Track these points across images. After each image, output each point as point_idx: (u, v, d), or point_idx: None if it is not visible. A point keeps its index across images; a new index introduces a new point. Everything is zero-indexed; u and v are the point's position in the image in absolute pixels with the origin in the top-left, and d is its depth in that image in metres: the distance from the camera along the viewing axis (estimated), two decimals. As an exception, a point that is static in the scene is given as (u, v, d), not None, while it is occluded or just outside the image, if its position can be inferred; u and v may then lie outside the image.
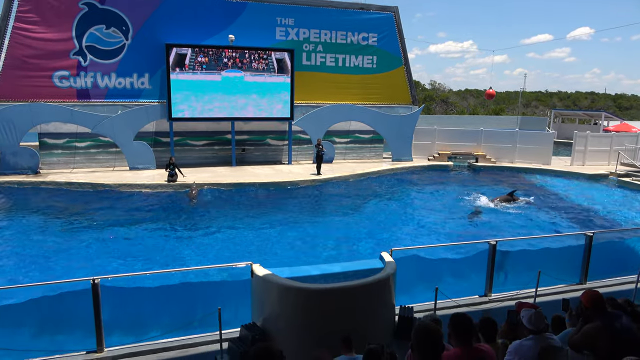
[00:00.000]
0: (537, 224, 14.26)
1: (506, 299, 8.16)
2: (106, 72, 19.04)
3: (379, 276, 6.54)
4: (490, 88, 27.87)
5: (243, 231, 12.94)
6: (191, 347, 6.53)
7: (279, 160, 22.08)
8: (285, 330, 6.26)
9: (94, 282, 6.18)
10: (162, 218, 13.94)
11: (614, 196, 18.43)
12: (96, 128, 18.52)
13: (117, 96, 19.27)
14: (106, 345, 6.37)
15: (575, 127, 32.83)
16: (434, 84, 76.52)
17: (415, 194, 18.16)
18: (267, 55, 20.10)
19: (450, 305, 7.69)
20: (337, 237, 12.73)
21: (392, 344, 6.51)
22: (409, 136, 22.96)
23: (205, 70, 19.42)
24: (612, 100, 79.95)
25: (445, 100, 61.70)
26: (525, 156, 23.27)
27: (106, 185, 16.61)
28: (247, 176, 18.43)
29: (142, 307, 7.85)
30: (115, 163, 19.57)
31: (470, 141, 23.94)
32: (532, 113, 61.37)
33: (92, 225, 13.02)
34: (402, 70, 23.20)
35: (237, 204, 15.69)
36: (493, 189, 18.75)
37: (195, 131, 20.63)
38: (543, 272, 8.09)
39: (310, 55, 21.70)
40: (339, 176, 19.20)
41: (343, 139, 22.98)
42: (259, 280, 6.53)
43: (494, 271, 8.31)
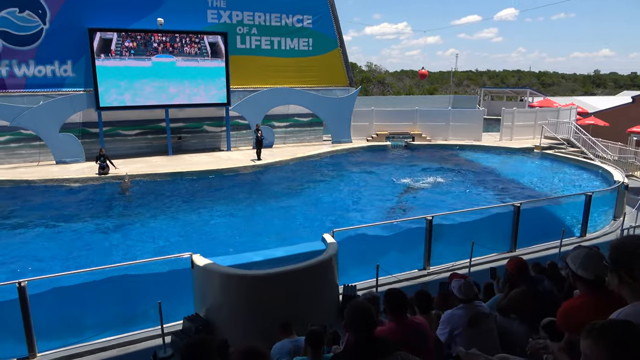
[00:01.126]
0: (469, 198, 14.96)
1: (443, 271, 8.54)
2: (23, 59, 17.63)
3: (321, 258, 6.62)
4: (422, 68, 28.68)
5: (182, 222, 12.61)
6: (132, 344, 6.33)
7: (217, 147, 21.60)
8: (229, 319, 6.21)
9: (20, 285, 5.81)
10: (94, 213, 13.27)
11: (538, 168, 19.69)
12: (16, 121, 17.16)
13: (38, 85, 17.93)
14: (39, 350, 6.04)
15: (503, 104, 34.57)
16: (370, 66, 77.49)
17: (356, 175, 18.44)
18: (199, 39, 19.43)
19: (391, 280, 7.94)
20: (279, 221, 12.72)
21: (337, 324, 6.63)
22: (348, 118, 23.19)
23: (134, 55, 18.48)
24: (536, 78, 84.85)
25: (381, 82, 62.72)
26: (458, 133, 24.23)
27: (30, 181, 15.53)
28: (184, 165, 17.89)
29: (76, 308, 7.48)
30: (40, 157, 18.30)
31: (406, 121, 24.56)
32: (463, 92, 63.90)
33: (16, 225, 12.17)
34: (338, 52, 23.27)
35: (175, 194, 15.22)
36: (429, 167, 19.44)
37: (127, 120, 19.66)
38: (476, 243, 8.54)
39: (244, 39, 21.22)
40: (279, 160, 19.11)
41: (282, 123, 22.82)
42: (199, 271, 6.41)
43: (431, 245, 8.65)
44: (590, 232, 10.82)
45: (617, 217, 11.76)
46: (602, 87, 78.19)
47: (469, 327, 3.63)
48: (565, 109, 25.05)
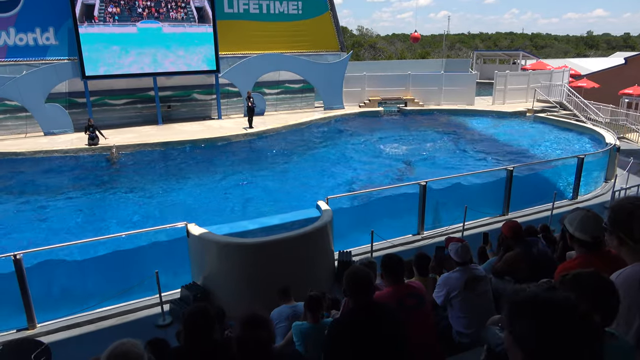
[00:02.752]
0: (462, 162, 15.01)
1: (437, 235, 8.64)
2: (2, 27, 17.02)
3: (316, 225, 6.64)
4: (415, 32, 28.17)
5: (175, 191, 12.57)
6: (131, 312, 6.39)
7: (208, 115, 21.31)
8: (226, 287, 6.27)
9: (16, 258, 5.80)
10: (86, 184, 13.17)
11: (531, 131, 19.71)
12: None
13: (19, 54, 17.40)
14: (38, 320, 6.09)
15: (496, 67, 34.21)
16: (361, 30, 76.17)
17: (348, 141, 18.37)
18: (185, 4, 18.84)
19: (386, 246, 8.03)
20: (273, 189, 12.72)
21: (333, 289, 6.73)
22: (339, 84, 22.89)
23: (118, 22, 17.92)
24: (529, 40, 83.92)
25: (373, 46, 61.74)
26: (450, 98, 24.07)
27: (19, 153, 15.31)
28: (175, 134, 17.68)
29: (73, 279, 7.52)
30: (27, 129, 17.97)
31: (398, 86, 24.31)
32: (456, 55, 63.13)
33: (8, 198, 12.06)
34: (328, 16, 22.73)
35: (168, 163, 15.12)
36: (422, 132, 19.39)
37: (114, 89, 19.25)
38: (469, 208, 8.62)
39: (232, 2, 20.61)
40: (271, 128, 18.94)
41: (273, 90, 22.49)
42: (195, 240, 6.42)
43: (425, 210, 8.72)
44: (582, 194, 10.94)
45: (609, 179, 11.89)
46: (594, 48, 77.61)
47: (465, 289, 3.69)
48: (558, 72, 24.90)
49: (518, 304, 1.34)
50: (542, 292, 1.34)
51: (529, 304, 1.31)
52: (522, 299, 1.34)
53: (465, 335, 3.73)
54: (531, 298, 1.33)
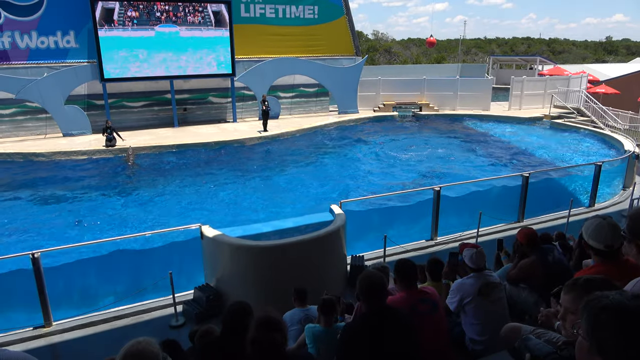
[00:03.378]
0: (477, 168, 14.89)
1: (450, 241, 8.57)
2: (25, 30, 17.42)
3: (329, 229, 6.64)
4: (431, 36, 28.10)
5: (191, 193, 12.68)
6: (145, 312, 6.45)
7: (223, 118, 21.49)
8: (239, 289, 6.29)
9: (34, 257, 5.90)
10: (103, 185, 13.37)
11: (547, 137, 19.47)
12: (21, 93, 17.10)
13: (41, 57, 17.78)
14: (54, 319, 6.18)
15: (512, 73, 33.94)
16: (376, 34, 76.14)
17: (363, 145, 18.35)
18: (202, 8, 19.06)
19: (398, 251, 7.99)
20: (287, 192, 12.75)
21: (345, 293, 6.72)
22: (354, 88, 22.91)
23: (137, 25, 18.21)
24: (547, 45, 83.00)
25: (388, 50, 61.67)
26: (466, 103, 23.92)
27: (39, 154, 15.60)
28: (190, 136, 17.86)
29: (90, 278, 7.63)
30: (46, 130, 18.32)
31: (413, 90, 24.24)
32: (472, 60, 62.74)
33: (28, 198, 12.29)
34: (344, 20, 22.79)
35: (182, 165, 15.26)
36: (437, 137, 19.29)
37: (132, 92, 19.55)
38: (484, 214, 8.53)
39: (248, 7, 20.79)
40: (285, 132, 19.01)
41: (288, 93, 22.60)
42: (209, 242, 6.47)
43: (439, 216, 8.66)
44: (600, 202, 10.76)
45: (627, 186, 11.67)
46: (614, 54, 76.46)
47: (479, 295, 3.66)
48: (576, 77, 24.58)
49: (603, 312, 1.31)
50: (628, 301, 1.31)
51: (616, 312, 1.29)
52: (608, 307, 1.31)
53: (478, 343, 3.69)
54: (617, 306, 1.30)
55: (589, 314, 1.33)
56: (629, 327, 1.25)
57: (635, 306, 1.28)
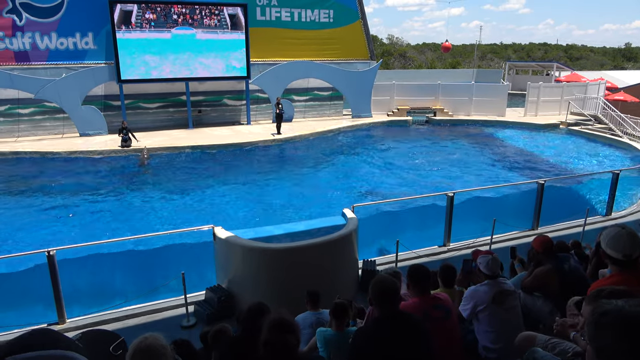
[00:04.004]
0: (491, 174, 14.75)
1: (463, 247, 8.48)
2: (45, 31, 17.74)
3: (341, 232, 6.62)
4: (446, 41, 27.98)
5: (204, 194, 12.76)
6: (157, 312, 6.49)
7: (237, 120, 21.61)
8: (251, 291, 6.30)
9: (50, 254, 5.98)
10: (118, 185, 13.52)
11: (563, 144, 19.23)
12: (40, 93, 17.41)
13: (60, 58, 18.07)
14: (68, 316, 6.25)
15: (529, 79, 33.63)
16: (391, 39, 76.09)
17: (376, 150, 18.32)
18: (219, 11, 19.23)
19: (411, 256, 7.93)
20: (299, 196, 12.76)
21: (357, 297, 6.69)
22: (368, 92, 22.89)
23: (154, 27, 18.42)
24: (564, 51, 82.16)
25: (403, 55, 61.58)
26: (481, 108, 23.74)
27: (56, 153, 15.85)
28: (205, 138, 17.99)
29: (103, 277, 7.72)
30: (64, 130, 18.60)
31: (428, 95, 24.14)
32: (487, 66, 62.30)
33: (45, 196, 12.48)
34: (359, 25, 22.80)
35: (196, 167, 15.38)
36: (451, 142, 19.17)
37: (148, 93, 19.77)
38: (498, 220, 8.44)
39: (264, 10, 20.92)
40: (299, 135, 19.05)
41: (302, 97, 22.66)
42: (221, 243, 6.49)
43: (451, 222, 8.58)
44: (617, 210, 10.58)
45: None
46: (633, 60, 75.34)
47: (493, 303, 3.61)
48: (594, 84, 24.25)
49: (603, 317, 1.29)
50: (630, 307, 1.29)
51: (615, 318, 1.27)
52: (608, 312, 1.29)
53: (492, 350, 3.64)
54: (618, 311, 1.28)
55: (591, 319, 1.32)
56: (628, 333, 1.22)
57: (636, 312, 1.26)
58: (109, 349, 1.12)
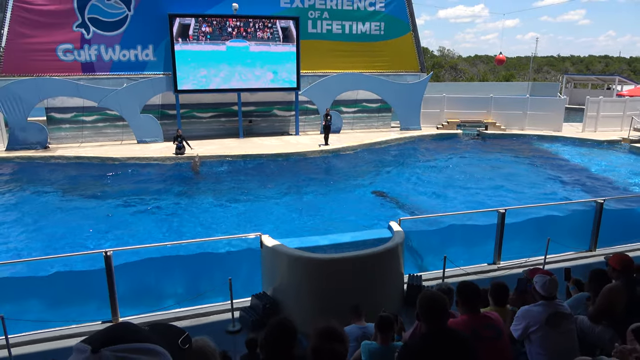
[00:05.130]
0: (546, 191, 14.16)
1: (515, 266, 8.17)
2: (110, 44, 18.83)
3: (387, 245, 6.56)
4: (500, 53, 27.29)
5: (251, 202, 13.00)
6: (203, 316, 6.64)
7: (286, 131, 21.96)
8: (295, 300, 6.34)
9: (107, 255, 6.27)
10: (171, 190, 14.03)
11: (625, 162, 18.19)
12: (102, 102, 18.45)
13: (122, 69, 19.11)
14: (121, 315, 6.51)
15: (588, 93, 32.13)
16: (442, 51, 75.08)
17: (424, 163, 18.05)
18: (271, 24, 19.72)
19: (458, 273, 7.72)
20: (346, 207, 12.75)
21: (401, 312, 6.59)
22: (418, 104, 22.65)
23: (210, 40, 19.13)
24: (627, 64, 78.08)
25: (454, 67, 60.59)
26: (535, 123, 22.91)
27: (115, 159, 16.69)
28: (254, 147, 18.39)
29: (154, 279, 8.00)
30: (123, 137, 19.58)
31: (479, 108, 23.58)
32: (543, 79, 60.16)
33: (102, 199, 13.14)
34: (410, 37, 22.69)
35: (245, 175, 15.72)
36: (504, 157, 18.59)
37: (202, 103, 20.50)
38: (552, 240, 8.08)
39: (315, 23, 21.25)
40: (346, 146, 19.10)
41: (350, 108, 22.74)
42: (268, 251, 6.58)
43: (502, 239, 8.30)
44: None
45: None
46: None
47: (547, 325, 3.45)
48: (660, 99, 22.86)
49: None
50: None
51: None
52: None
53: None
54: None
55: None
56: None
57: None
58: (177, 342, 1.16)
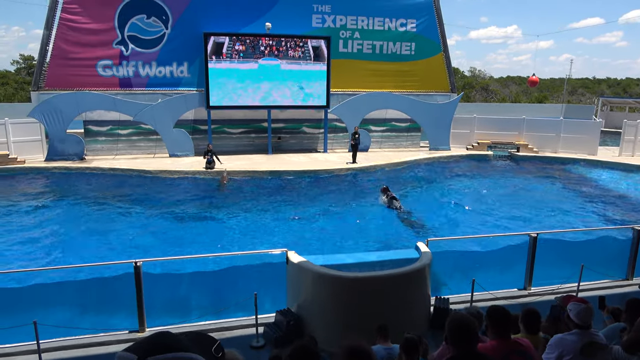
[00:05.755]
0: (580, 217, 13.74)
1: (546, 293, 7.92)
2: (147, 61, 19.49)
3: (414, 266, 6.47)
4: (533, 75, 26.90)
5: (278, 218, 13.07)
6: (228, 330, 6.67)
7: (314, 148, 22.10)
8: (319, 317, 6.30)
9: (136, 265, 6.39)
10: (200, 204, 14.26)
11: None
12: (138, 116, 19.04)
13: (158, 85, 19.71)
14: (147, 325, 6.60)
15: (625, 116, 31.20)
16: (473, 71, 74.59)
17: (453, 184, 17.81)
18: (303, 43, 20.05)
19: (487, 297, 7.53)
20: (372, 226, 12.67)
21: (427, 335, 6.45)
22: (447, 125, 22.48)
23: (243, 58, 19.57)
24: (666, 88, 75.57)
25: (485, 88, 59.99)
26: (569, 146, 22.37)
27: (147, 171, 17.11)
28: (282, 164, 18.55)
29: (180, 290, 8.08)
30: (155, 150, 20.10)
31: (511, 130, 23.21)
32: (577, 101, 58.86)
33: (134, 210, 13.45)
34: (440, 57, 22.65)
35: (272, 191, 15.83)
36: (536, 180, 18.18)
37: (233, 119, 20.90)
38: (586, 267, 7.81)
39: (347, 43, 21.49)
40: (374, 165, 19.05)
41: (379, 127, 22.74)
42: (294, 268, 6.58)
43: (534, 264, 8.07)
44: None
45: None
46: None
47: (582, 354, 3.32)
48: (703, 124, 21.99)
49: None
50: None
51: None
52: None
53: (577, 407, 3.33)
54: None
55: None
56: None
57: None
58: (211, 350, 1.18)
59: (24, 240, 11.16)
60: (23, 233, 11.58)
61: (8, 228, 11.87)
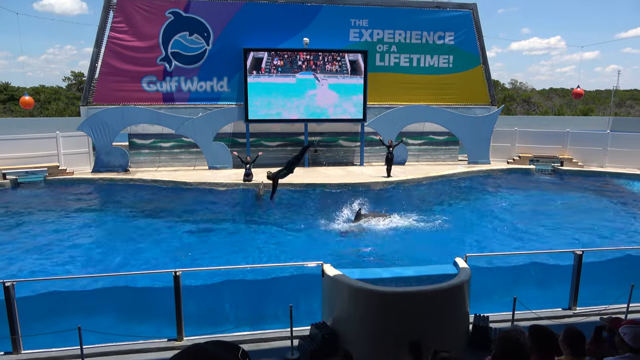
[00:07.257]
0: (629, 234, 13.09)
1: (592, 313, 7.57)
2: (189, 76, 20.14)
3: (452, 282, 6.33)
4: (578, 87, 26.03)
5: (315, 230, 13.09)
6: (263, 341, 6.70)
7: (350, 161, 22.10)
8: (354, 332, 6.25)
9: (176, 275, 6.54)
10: (237, 215, 14.51)
11: None
12: (179, 129, 19.65)
13: (199, 99, 20.32)
14: (185, 334, 6.72)
15: (678, 129, 29.71)
16: (514, 83, 72.92)
17: (492, 198, 17.36)
18: (340, 57, 20.22)
19: (529, 317, 7.26)
20: (408, 240, 12.49)
21: (466, 354, 6.28)
22: (487, 138, 22.03)
23: (281, 73, 19.92)
24: None
25: (527, 100, 58.50)
26: (618, 160, 21.44)
27: (187, 183, 17.57)
28: (319, 177, 18.63)
29: (216, 301, 8.21)
30: (195, 162, 20.64)
31: (554, 143, 22.48)
32: (626, 113, 56.45)
33: (176, 221, 13.80)
34: (480, 70, 22.31)
35: (307, 204, 15.91)
36: (582, 195, 17.49)
37: (270, 132, 21.23)
38: (637, 287, 7.42)
39: (383, 56, 21.51)
40: (411, 178, 18.85)
41: (416, 140, 22.54)
42: (329, 280, 6.56)
43: (579, 283, 7.74)
44: None
45: None
46: None
47: (633, 380, 3.15)
48: None
49: None
50: None
51: None
52: None
53: None
54: None
55: None
56: None
57: None
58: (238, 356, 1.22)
59: (71, 246, 11.67)
60: (71, 240, 12.10)
61: (59, 237, 12.41)
